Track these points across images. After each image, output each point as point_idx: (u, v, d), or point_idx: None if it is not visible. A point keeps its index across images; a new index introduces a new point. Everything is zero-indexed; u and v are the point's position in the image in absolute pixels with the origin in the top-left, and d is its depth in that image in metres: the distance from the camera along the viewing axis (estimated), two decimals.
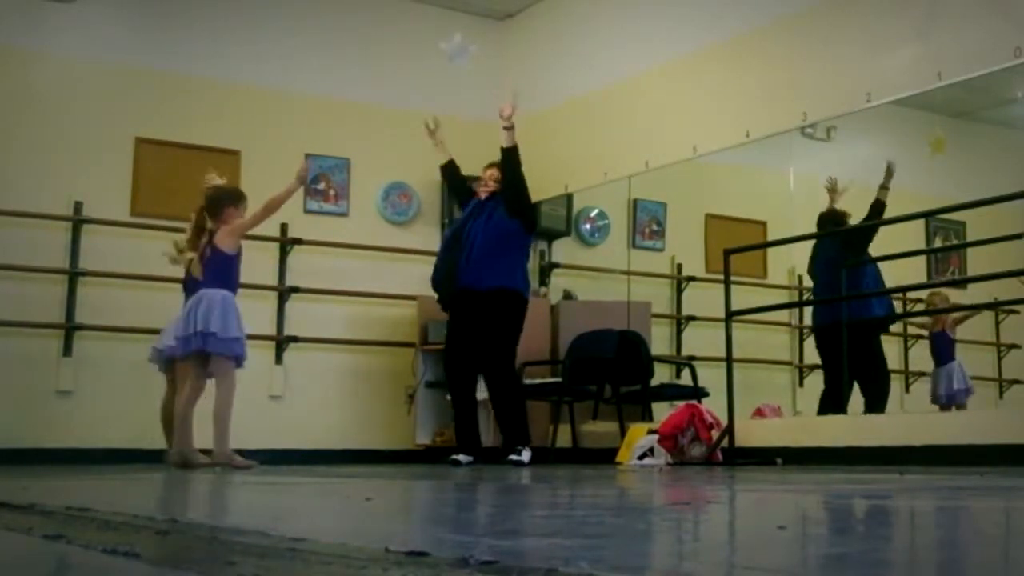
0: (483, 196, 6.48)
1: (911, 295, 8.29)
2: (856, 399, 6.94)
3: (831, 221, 7.11)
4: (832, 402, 6.87)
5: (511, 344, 6.32)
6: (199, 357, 5.51)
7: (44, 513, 2.04)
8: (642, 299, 8.05)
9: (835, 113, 6.38)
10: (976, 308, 8.21)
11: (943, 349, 7.87)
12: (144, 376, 6.35)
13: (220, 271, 5.56)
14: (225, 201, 5.69)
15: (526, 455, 6.13)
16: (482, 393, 6.46)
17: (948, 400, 7.64)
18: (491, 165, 6.58)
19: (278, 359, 7.52)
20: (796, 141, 7.33)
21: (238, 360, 5.54)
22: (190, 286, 5.65)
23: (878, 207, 6.94)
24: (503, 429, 6.32)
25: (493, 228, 6.31)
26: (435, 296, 6.53)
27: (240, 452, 5.71)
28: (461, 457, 6.20)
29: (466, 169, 7.84)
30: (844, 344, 6.93)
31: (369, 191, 8.03)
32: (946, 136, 8.19)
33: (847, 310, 7.07)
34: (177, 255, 5.74)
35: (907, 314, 8.31)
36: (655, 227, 8.81)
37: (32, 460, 6.27)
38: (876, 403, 6.81)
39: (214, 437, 5.45)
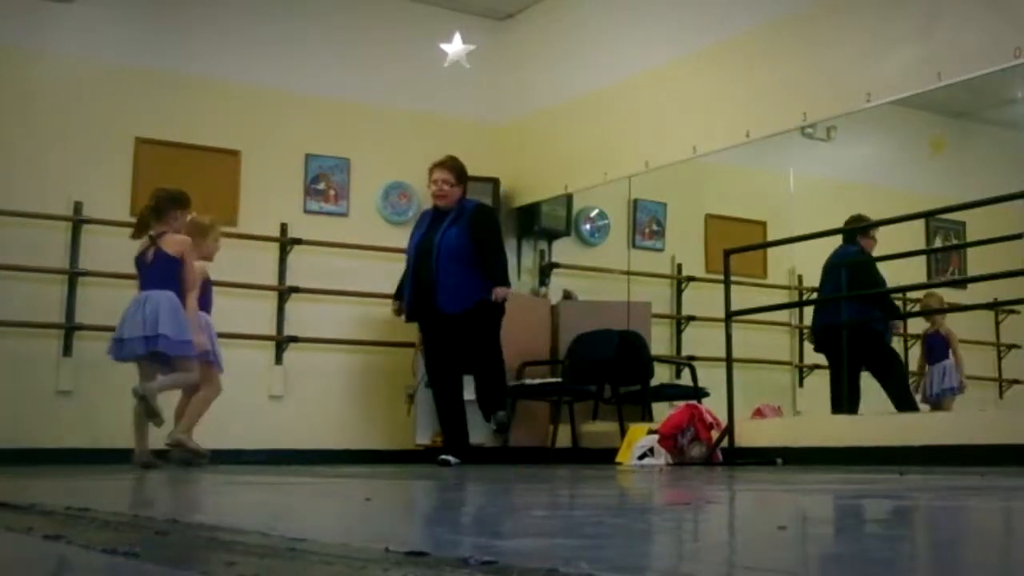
0: (439, 204, 6.37)
1: (911, 295, 8.29)
2: (874, 398, 6.94)
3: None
4: (842, 401, 6.84)
5: (498, 339, 6.38)
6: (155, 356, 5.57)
7: (44, 513, 2.04)
8: (642, 299, 8.05)
9: (835, 113, 6.38)
10: (976, 308, 8.22)
11: (937, 350, 7.89)
12: None
13: (165, 273, 5.58)
14: (171, 205, 5.72)
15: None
16: (468, 395, 6.48)
17: (937, 397, 7.66)
18: (439, 166, 6.40)
19: (278, 359, 7.52)
20: (796, 141, 7.33)
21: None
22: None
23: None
24: (486, 394, 6.34)
25: (457, 247, 6.21)
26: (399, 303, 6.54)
27: (240, 452, 5.75)
28: (450, 457, 6.22)
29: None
30: (844, 345, 6.93)
31: (369, 191, 8.03)
32: (946, 136, 8.19)
33: (848, 312, 7.07)
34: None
35: (908, 314, 8.30)
36: (655, 227, 8.81)
37: (32, 460, 6.26)
38: (900, 399, 6.80)
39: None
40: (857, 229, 6.92)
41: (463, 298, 6.20)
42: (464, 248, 6.23)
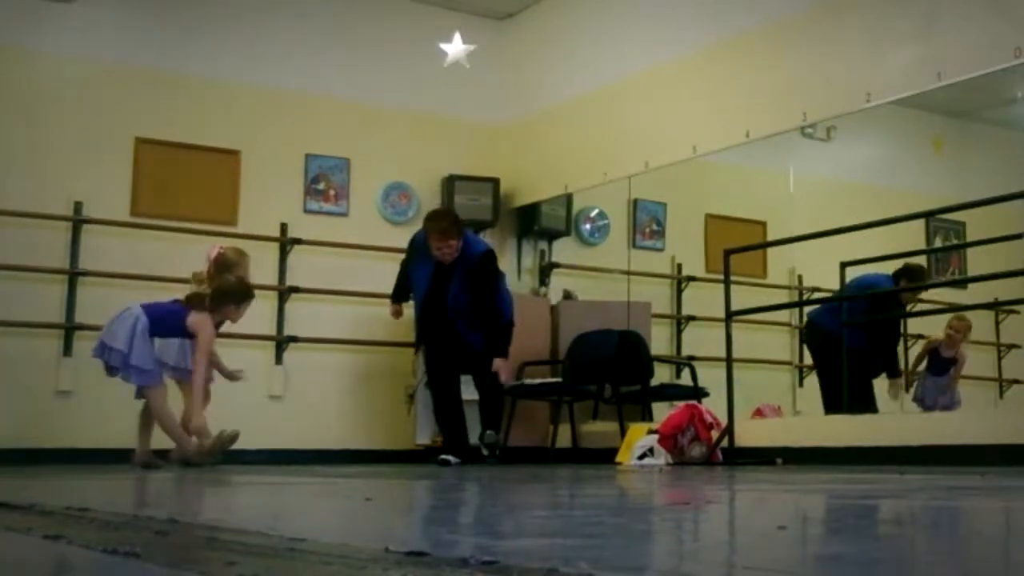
0: (447, 262, 6.33)
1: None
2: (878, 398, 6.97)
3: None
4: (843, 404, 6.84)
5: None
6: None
7: (44, 513, 2.04)
8: (642, 299, 8.05)
9: (835, 113, 6.38)
10: (976, 308, 8.21)
11: (942, 366, 7.89)
12: None
13: (166, 320, 5.62)
14: (230, 300, 5.74)
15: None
16: (466, 395, 6.57)
17: (938, 409, 7.65)
18: (440, 234, 6.27)
19: (278, 359, 7.52)
20: (796, 141, 7.33)
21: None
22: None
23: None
24: (486, 414, 6.50)
25: (469, 300, 6.36)
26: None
27: (240, 452, 5.77)
28: (451, 457, 6.23)
29: (464, 168, 7.88)
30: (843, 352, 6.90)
31: (369, 191, 8.02)
32: (946, 136, 8.19)
33: (850, 335, 7.02)
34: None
35: (908, 314, 8.30)
36: (655, 227, 8.81)
37: (32, 460, 6.26)
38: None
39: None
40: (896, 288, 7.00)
41: (480, 328, 6.41)
42: (483, 290, 6.42)
